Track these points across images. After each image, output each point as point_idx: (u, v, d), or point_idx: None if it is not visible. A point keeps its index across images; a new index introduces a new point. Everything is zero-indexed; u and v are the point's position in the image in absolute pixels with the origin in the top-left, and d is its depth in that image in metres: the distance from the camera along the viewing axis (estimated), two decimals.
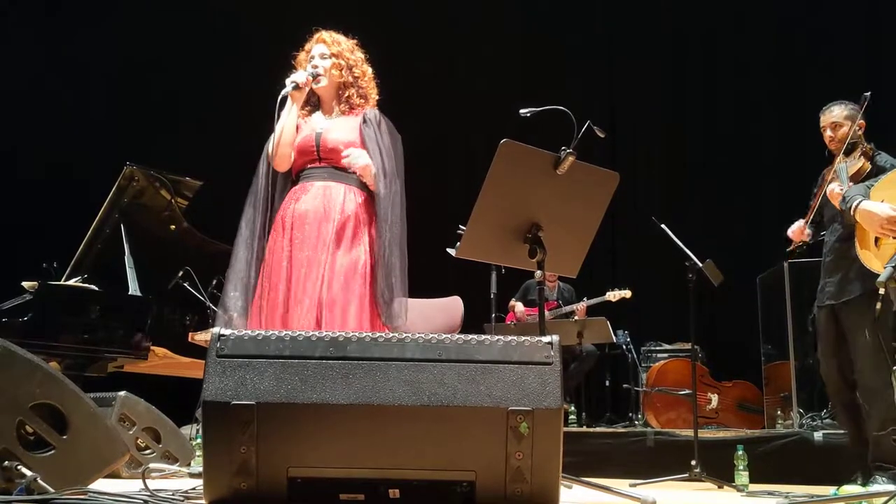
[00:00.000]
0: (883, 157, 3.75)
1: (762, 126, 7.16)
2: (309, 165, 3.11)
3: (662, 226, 4.61)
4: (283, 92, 3.03)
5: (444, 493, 1.93)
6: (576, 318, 6.53)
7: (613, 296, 6.50)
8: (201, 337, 4.86)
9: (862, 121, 3.85)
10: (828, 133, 3.90)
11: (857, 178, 3.71)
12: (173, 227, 5.39)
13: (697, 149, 7.37)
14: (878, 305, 2.65)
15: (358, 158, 3.02)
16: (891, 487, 3.17)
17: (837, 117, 3.87)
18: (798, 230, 4.02)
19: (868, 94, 3.82)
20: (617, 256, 7.64)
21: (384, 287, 2.96)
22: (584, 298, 6.69)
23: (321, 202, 3.02)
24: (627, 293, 6.48)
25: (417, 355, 1.94)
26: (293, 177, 3.17)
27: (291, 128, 3.09)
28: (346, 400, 1.87)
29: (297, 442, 1.87)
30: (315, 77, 3.12)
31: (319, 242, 2.97)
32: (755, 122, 7.18)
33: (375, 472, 1.90)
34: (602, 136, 3.10)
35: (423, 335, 1.98)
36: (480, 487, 1.90)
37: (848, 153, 3.81)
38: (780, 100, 7.02)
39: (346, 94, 3.16)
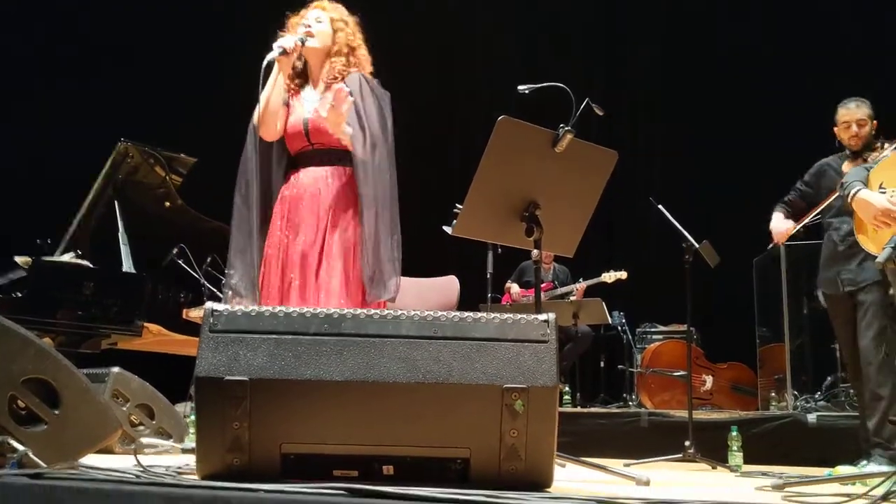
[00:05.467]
0: None
1: (762, 107, 7.12)
2: (302, 149, 3.05)
3: (659, 206, 4.59)
4: (268, 56, 2.89)
5: (439, 470, 1.92)
6: (574, 298, 6.53)
7: (609, 277, 6.51)
8: (196, 314, 4.85)
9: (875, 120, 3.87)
10: (853, 129, 3.87)
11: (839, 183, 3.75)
12: (168, 203, 5.37)
13: (696, 130, 7.34)
14: (892, 291, 2.66)
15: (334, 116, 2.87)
16: (886, 468, 3.18)
17: (864, 115, 3.87)
18: (784, 233, 4.07)
19: None
20: (614, 237, 7.63)
21: (368, 260, 2.86)
22: (581, 279, 6.69)
23: (316, 186, 2.97)
24: (623, 274, 6.49)
25: (413, 332, 1.93)
26: (291, 155, 3.12)
27: (277, 96, 2.99)
28: (341, 377, 1.85)
29: (291, 418, 1.85)
30: (304, 42, 2.98)
31: (314, 227, 2.93)
32: (754, 104, 7.15)
33: (370, 448, 1.88)
34: (601, 113, 3.09)
35: (418, 312, 1.96)
36: (475, 465, 1.89)
37: (865, 155, 3.83)
38: (779, 80, 6.99)
39: (334, 61, 3.03)
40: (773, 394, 5.85)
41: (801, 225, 4.12)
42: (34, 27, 7.37)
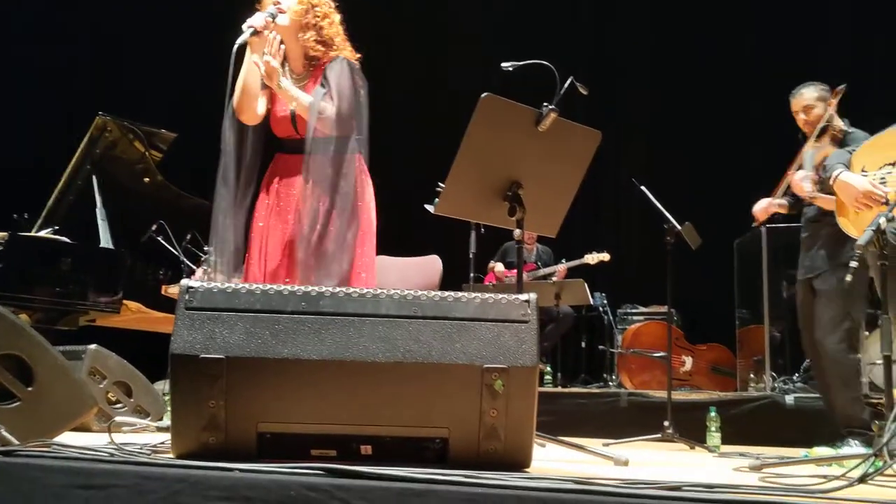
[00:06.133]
0: (855, 137, 3.77)
1: (746, 90, 7.12)
2: (289, 136, 3.00)
3: (642, 187, 4.59)
4: (239, 39, 2.78)
5: (417, 449, 1.91)
6: (556, 279, 6.54)
7: (592, 258, 6.52)
8: (175, 290, 4.80)
9: (832, 99, 3.86)
10: (801, 116, 3.93)
11: (822, 165, 3.76)
12: (147, 179, 5.31)
13: (680, 111, 7.33)
14: (848, 277, 2.67)
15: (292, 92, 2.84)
16: (862, 450, 3.21)
17: (809, 99, 3.89)
18: (762, 210, 4.10)
19: (843, 86, 3.82)
20: (598, 218, 7.63)
21: (307, 245, 2.77)
22: (563, 260, 6.70)
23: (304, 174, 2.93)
24: (606, 256, 6.50)
25: (393, 311, 1.91)
26: (277, 137, 3.06)
27: (255, 80, 2.89)
28: (319, 356, 1.84)
29: (268, 397, 1.83)
30: (274, 17, 2.86)
31: (304, 214, 2.89)
32: (739, 86, 7.14)
33: (347, 428, 1.87)
34: (585, 92, 3.06)
35: (398, 291, 1.94)
36: (454, 444, 1.89)
37: (819, 137, 3.83)
38: (765, 63, 6.99)
39: (307, 37, 2.94)
40: (752, 375, 5.90)
41: (774, 199, 4.13)
42: None
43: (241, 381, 1.81)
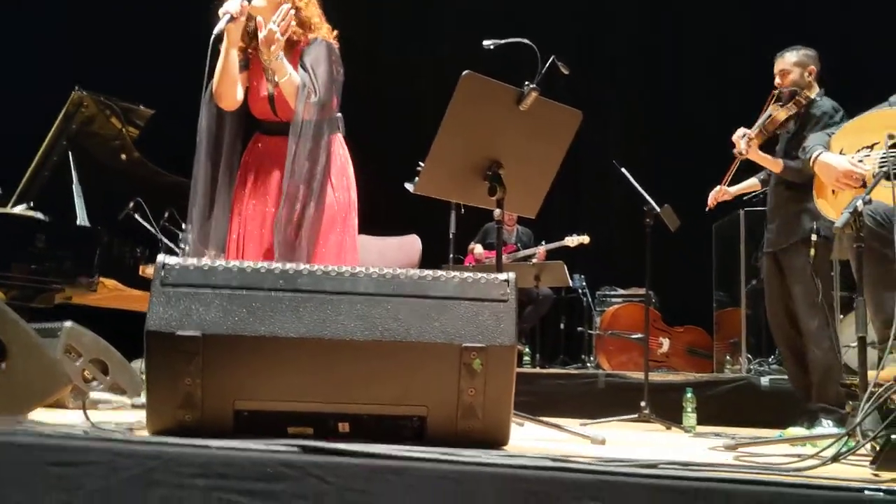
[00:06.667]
0: (819, 105, 3.81)
1: (728, 72, 7.14)
2: (268, 119, 2.99)
3: (623, 170, 4.60)
4: (216, 28, 2.72)
5: (395, 427, 1.90)
6: (535, 261, 6.56)
7: (572, 241, 6.54)
8: (152, 270, 4.76)
9: (813, 66, 3.89)
10: (777, 80, 3.97)
11: (770, 126, 3.83)
12: (124, 156, 5.25)
13: (662, 94, 7.34)
14: (812, 251, 2.69)
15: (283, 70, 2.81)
16: (835, 430, 3.25)
17: (787, 64, 3.95)
18: (712, 197, 4.28)
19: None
20: (578, 200, 7.65)
21: (282, 228, 2.76)
22: (543, 242, 6.72)
23: (282, 155, 2.89)
24: (586, 239, 6.53)
25: (371, 290, 1.89)
26: (256, 118, 3.03)
27: (233, 67, 2.86)
28: (296, 333, 1.82)
29: (245, 375, 1.82)
30: (249, 0, 2.81)
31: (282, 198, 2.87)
32: (721, 68, 7.16)
33: (325, 405, 1.86)
34: (566, 72, 3.05)
35: (377, 269, 1.93)
36: (431, 423, 1.88)
37: (786, 101, 3.87)
38: (747, 46, 7.00)
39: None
40: (728, 357, 5.96)
41: (724, 185, 4.22)
42: None
43: (218, 358, 1.79)
